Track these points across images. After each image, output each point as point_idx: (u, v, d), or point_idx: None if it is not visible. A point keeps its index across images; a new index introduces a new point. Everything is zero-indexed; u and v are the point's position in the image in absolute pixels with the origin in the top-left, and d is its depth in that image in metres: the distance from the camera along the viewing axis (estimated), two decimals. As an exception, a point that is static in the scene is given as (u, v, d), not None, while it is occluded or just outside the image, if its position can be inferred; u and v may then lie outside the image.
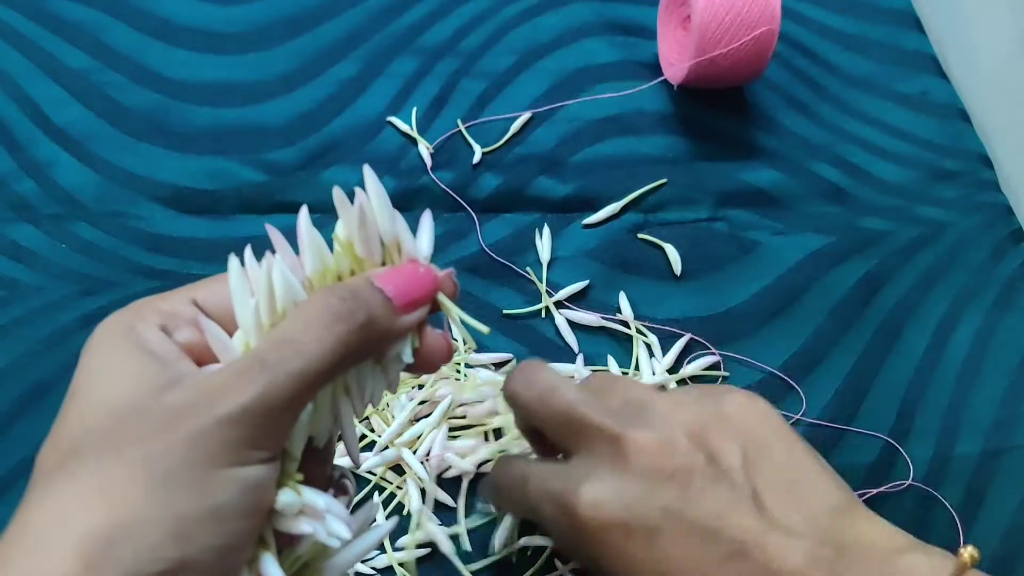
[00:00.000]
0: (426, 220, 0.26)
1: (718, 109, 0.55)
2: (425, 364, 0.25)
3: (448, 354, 0.26)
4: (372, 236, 0.24)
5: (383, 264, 0.25)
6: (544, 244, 0.49)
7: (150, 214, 0.50)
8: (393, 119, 0.54)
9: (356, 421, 0.25)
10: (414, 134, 0.53)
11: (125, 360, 0.21)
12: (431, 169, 0.52)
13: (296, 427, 0.22)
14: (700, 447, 0.29)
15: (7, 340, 0.45)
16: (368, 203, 0.24)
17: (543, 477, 0.31)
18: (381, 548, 0.40)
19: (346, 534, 0.22)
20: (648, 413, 0.30)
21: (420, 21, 0.59)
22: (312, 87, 0.55)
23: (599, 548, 0.28)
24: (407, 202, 0.51)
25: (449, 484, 0.42)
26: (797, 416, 0.44)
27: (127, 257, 0.48)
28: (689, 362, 0.45)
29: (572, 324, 0.47)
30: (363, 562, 0.39)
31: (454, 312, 0.25)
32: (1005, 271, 0.49)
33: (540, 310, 0.47)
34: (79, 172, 0.51)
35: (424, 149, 0.52)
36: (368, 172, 0.24)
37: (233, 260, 0.23)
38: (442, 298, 0.25)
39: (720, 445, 0.29)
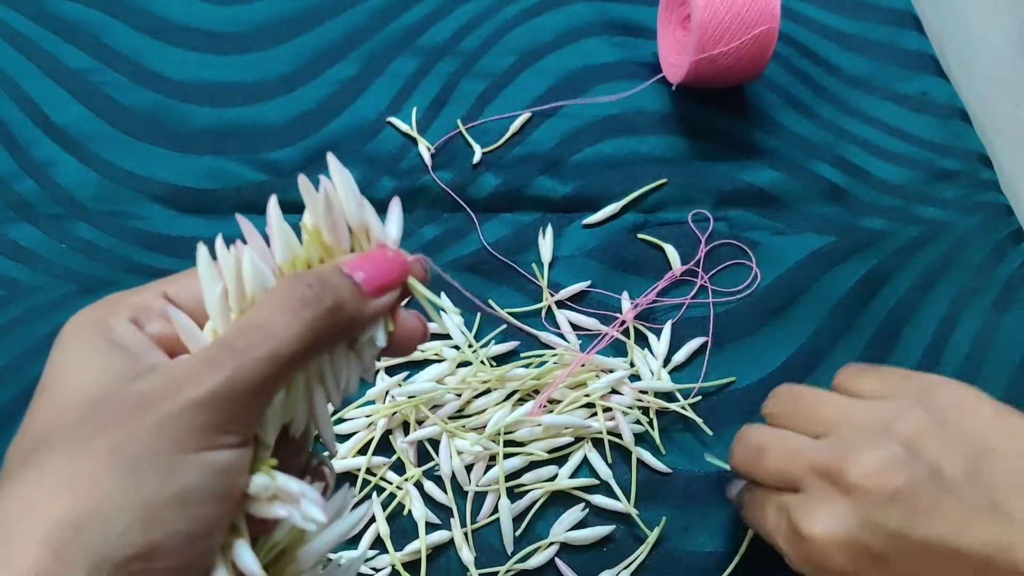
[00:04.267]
0: (395, 206, 0.25)
1: (718, 109, 0.55)
2: (400, 347, 0.25)
3: (423, 335, 0.26)
4: (339, 223, 0.24)
5: (352, 251, 0.25)
6: (546, 244, 0.49)
7: (150, 214, 0.50)
8: (393, 119, 0.54)
9: (332, 408, 0.25)
10: (414, 134, 0.53)
11: (95, 352, 0.22)
12: (431, 169, 0.52)
13: (268, 414, 0.22)
14: (920, 460, 0.28)
15: (6, 339, 0.45)
16: (333, 190, 0.24)
17: (767, 514, 0.32)
18: (383, 548, 0.40)
19: (321, 517, 0.22)
20: (855, 430, 0.30)
21: (420, 21, 0.59)
22: (312, 87, 0.55)
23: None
24: (407, 202, 0.51)
25: (449, 484, 0.42)
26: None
27: (127, 257, 0.48)
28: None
29: (572, 323, 0.47)
30: (364, 562, 0.39)
31: (425, 295, 0.25)
32: (1005, 271, 0.49)
33: (541, 309, 0.47)
34: (79, 172, 0.51)
35: (424, 149, 0.52)
36: (332, 159, 0.24)
37: (202, 248, 0.23)
38: (412, 282, 0.25)
39: (941, 454, 0.28)
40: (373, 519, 0.41)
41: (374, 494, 0.42)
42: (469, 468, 0.42)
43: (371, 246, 0.25)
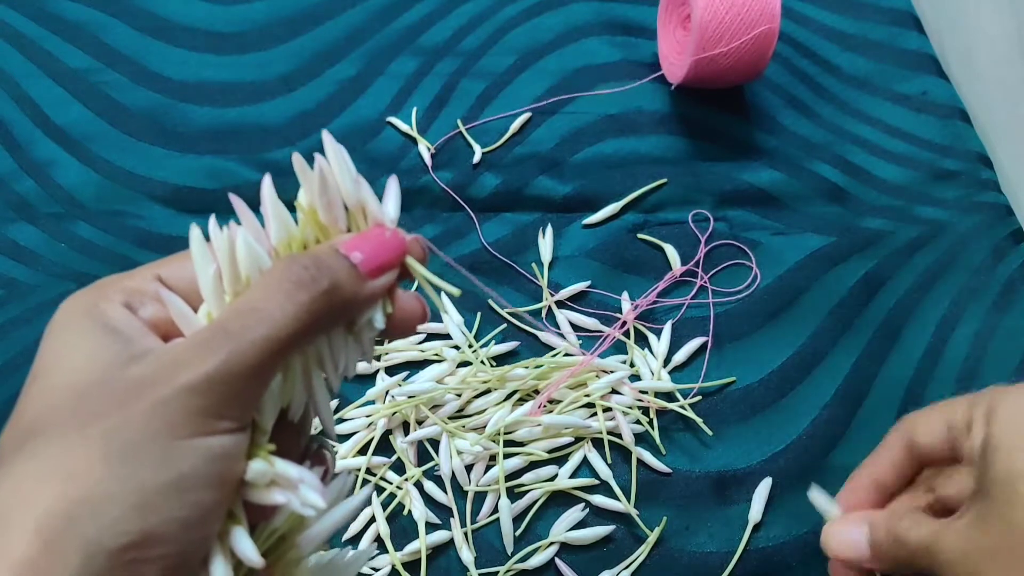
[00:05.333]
0: (392, 184, 0.25)
1: (718, 109, 0.55)
2: (400, 329, 0.25)
3: (423, 317, 0.25)
4: (334, 201, 0.23)
5: (349, 230, 0.24)
6: (546, 244, 0.49)
7: (150, 213, 0.50)
8: (393, 119, 0.54)
9: (331, 392, 0.25)
10: (414, 134, 0.53)
11: (88, 338, 0.21)
12: (431, 169, 0.52)
13: (266, 398, 0.22)
14: None
15: (6, 339, 0.45)
16: (328, 168, 0.23)
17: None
18: (383, 548, 0.40)
19: (320, 503, 0.21)
20: None
21: (420, 21, 0.59)
22: (312, 87, 0.55)
23: None
24: (407, 202, 0.51)
25: (450, 483, 0.42)
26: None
27: (126, 256, 0.48)
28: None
29: (572, 323, 0.47)
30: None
31: (424, 275, 0.24)
32: (1005, 271, 0.49)
33: (541, 309, 0.47)
34: (79, 172, 0.51)
35: (424, 149, 0.52)
36: (327, 137, 0.24)
37: (194, 229, 0.23)
38: (411, 261, 0.24)
39: None
40: (373, 519, 0.41)
41: (374, 493, 0.42)
42: (469, 468, 0.42)
43: (368, 225, 0.24)
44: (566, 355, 0.45)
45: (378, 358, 0.44)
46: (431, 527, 0.41)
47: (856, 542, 0.33)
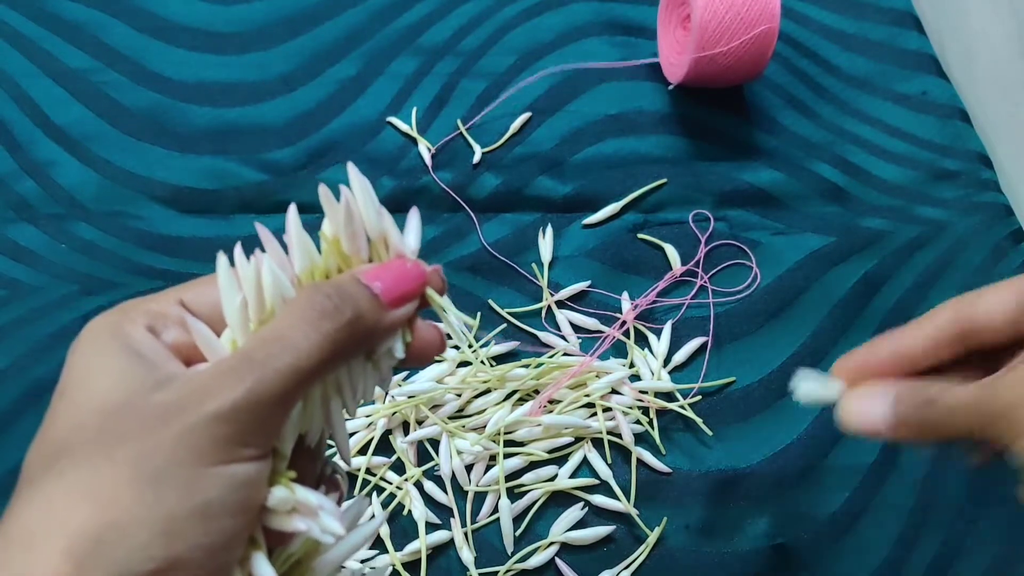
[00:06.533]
0: (413, 216, 0.25)
1: (718, 109, 0.55)
2: (418, 358, 0.25)
3: (441, 346, 0.26)
4: (358, 232, 0.24)
5: (370, 260, 0.25)
6: (546, 244, 0.49)
7: (150, 214, 0.50)
8: (393, 119, 0.54)
9: (347, 419, 0.25)
10: (414, 134, 0.53)
11: (113, 360, 0.21)
12: (431, 169, 0.52)
13: (286, 425, 0.22)
14: None
15: (8, 340, 0.45)
16: (354, 199, 0.24)
17: None
18: (383, 549, 0.40)
19: (340, 530, 0.22)
20: None
21: (420, 21, 0.59)
22: (312, 87, 0.55)
23: None
24: (407, 202, 0.50)
25: (450, 483, 0.42)
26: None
27: (127, 257, 0.48)
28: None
29: (572, 323, 0.47)
30: (362, 562, 0.39)
31: (443, 306, 0.25)
32: (1005, 271, 0.49)
33: (541, 309, 0.47)
34: (79, 172, 0.51)
35: (424, 149, 0.52)
36: (352, 169, 0.24)
37: (222, 258, 0.23)
38: (430, 293, 0.25)
39: None
40: (363, 514, 0.41)
41: (374, 495, 0.42)
42: (469, 468, 0.42)
43: (389, 256, 0.25)
44: (565, 355, 0.45)
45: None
46: (431, 527, 0.41)
47: (881, 414, 0.29)
